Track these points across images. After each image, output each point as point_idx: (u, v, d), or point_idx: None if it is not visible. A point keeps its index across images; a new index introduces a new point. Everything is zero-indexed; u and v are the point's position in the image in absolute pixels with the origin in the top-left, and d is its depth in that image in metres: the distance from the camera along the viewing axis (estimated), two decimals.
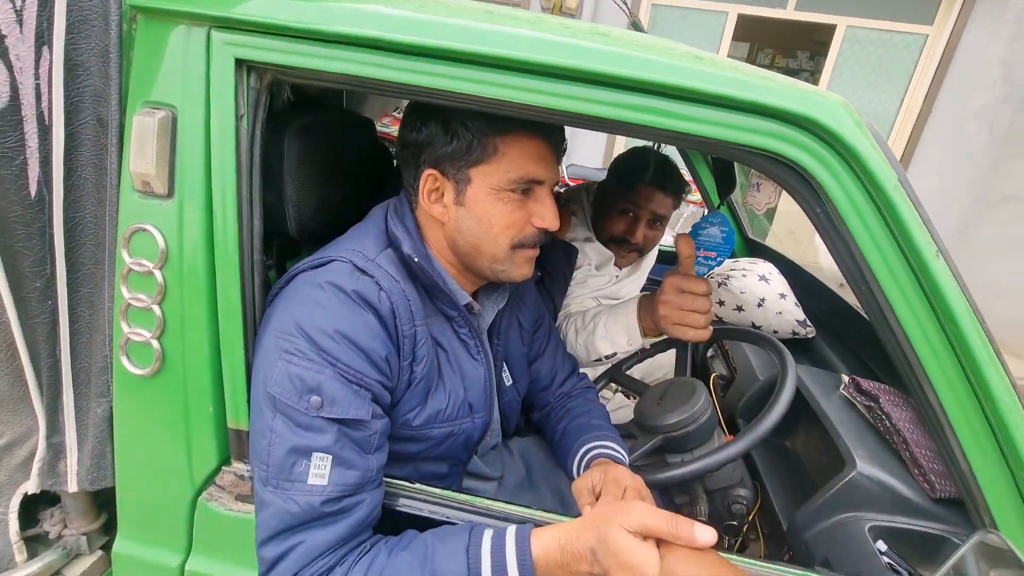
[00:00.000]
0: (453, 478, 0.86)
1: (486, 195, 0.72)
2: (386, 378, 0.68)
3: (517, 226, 0.74)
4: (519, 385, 0.99)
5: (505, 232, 0.74)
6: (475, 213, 0.74)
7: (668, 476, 0.90)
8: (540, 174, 0.73)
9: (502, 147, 0.71)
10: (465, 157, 0.71)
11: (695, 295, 1.00)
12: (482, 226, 0.74)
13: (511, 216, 0.73)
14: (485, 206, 0.73)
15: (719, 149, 0.58)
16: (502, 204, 0.73)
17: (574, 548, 0.59)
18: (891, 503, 0.84)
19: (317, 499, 0.61)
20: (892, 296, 0.56)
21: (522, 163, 0.71)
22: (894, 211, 0.53)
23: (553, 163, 0.75)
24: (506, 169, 0.71)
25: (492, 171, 0.71)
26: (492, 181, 0.72)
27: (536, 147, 0.72)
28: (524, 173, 0.72)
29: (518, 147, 0.71)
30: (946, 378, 0.57)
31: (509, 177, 0.71)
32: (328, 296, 0.66)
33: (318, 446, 0.61)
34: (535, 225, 0.75)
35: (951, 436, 0.60)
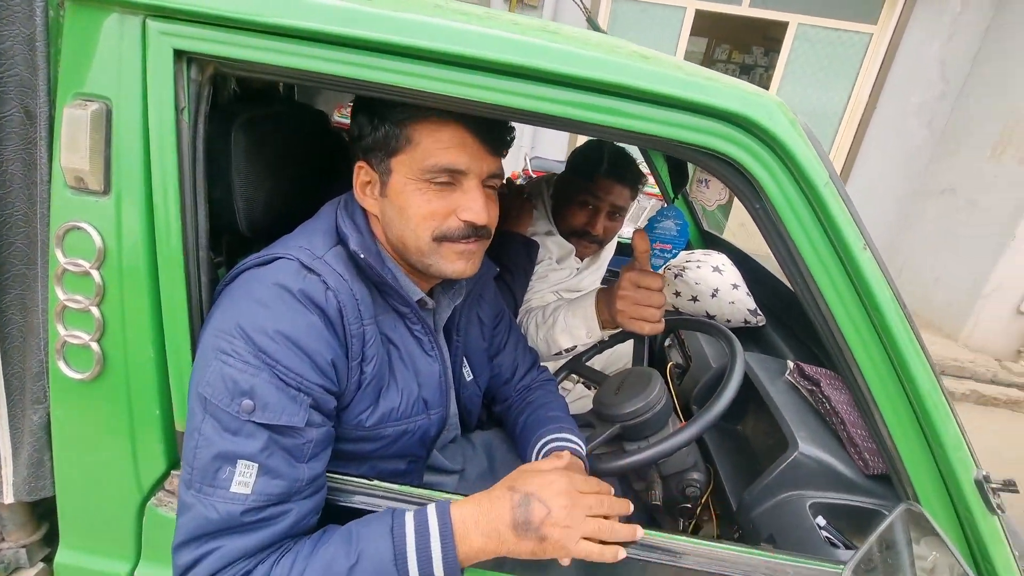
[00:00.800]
0: (413, 474, 0.86)
1: (404, 185, 0.71)
2: (330, 382, 0.67)
3: (437, 217, 0.72)
4: (480, 380, 1.00)
5: (424, 223, 0.72)
6: (396, 204, 0.72)
7: (624, 463, 0.93)
8: (459, 163, 0.70)
9: (415, 135, 0.70)
10: (385, 147, 0.71)
11: (650, 290, 1.04)
12: (403, 218, 0.72)
13: (428, 207, 0.71)
14: (404, 197, 0.71)
15: (665, 147, 0.60)
16: (420, 195, 0.71)
17: (492, 497, 0.66)
18: (830, 481, 0.89)
19: (238, 508, 0.60)
20: (823, 286, 0.60)
21: (436, 151, 0.69)
22: (824, 207, 0.57)
23: (479, 153, 0.71)
24: (421, 157, 0.69)
25: (408, 160, 0.70)
26: (409, 171, 0.70)
27: (453, 134, 0.69)
28: (438, 161, 0.69)
29: (432, 134, 0.69)
30: (872, 362, 0.62)
31: (423, 166, 0.69)
32: (272, 295, 0.65)
33: (244, 453, 0.60)
34: (460, 217, 0.72)
35: (878, 416, 0.64)
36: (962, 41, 4.56)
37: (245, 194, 0.85)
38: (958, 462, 0.62)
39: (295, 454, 0.63)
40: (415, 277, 0.81)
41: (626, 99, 0.57)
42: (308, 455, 0.64)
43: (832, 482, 0.89)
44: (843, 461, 0.90)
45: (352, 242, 0.71)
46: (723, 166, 0.59)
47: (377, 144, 0.71)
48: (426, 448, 0.85)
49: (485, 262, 0.93)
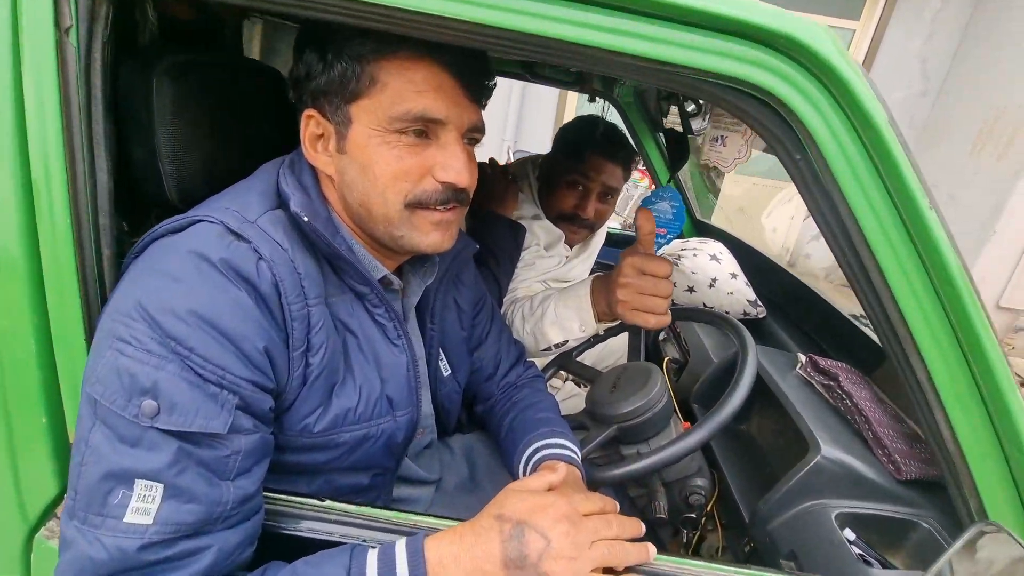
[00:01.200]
0: (379, 489, 0.73)
1: (368, 138, 0.58)
2: (264, 376, 0.54)
3: (410, 177, 0.59)
4: (459, 375, 0.87)
5: (394, 185, 0.59)
6: (358, 161, 0.59)
7: (624, 472, 0.81)
8: (436, 110, 0.58)
9: (382, 75, 0.57)
10: (342, 90, 0.57)
11: (657, 278, 0.89)
12: (367, 178, 0.59)
13: (399, 164, 0.58)
14: (368, 152, 0.58)
15: (684, 83, 0.48)
16: (387, 149, 0.58)
17: (476, 528, 0.54)
18: (857, 488, 0.79)
19: (133, 543, 0.45)
20: (881, 254, 0.48)
21: (409, 95, 0.57)
22: (888, 154, 0.45)
23: (460, 100, 0.60)
24: (389, 103, 0.57)
25: (373, 106, 0.57)
26: (374, 119, 0.57)
27: (428, 75, 0.57)
28: (411, 108, 0.57)
29: (403, 74, 0.57)
30: (939, 348, 0.51)
31: (392, 113, 0.57)
32: (186, 266, 0.51)
33: (145, 469, 0.46)
34: (438, 178, 0.60)
35: (939, 414, 0.53)
36: (942, 38, 4.59)
37: (174, 156, 0.71)
38: None
39: (216, 469, 0.50)
40: (378, 252, 0.68)
41: (637, 16, 0.45)
42: (234, 470, 0.51)
43: (860, 489, 0.78)
44: (871, 465, 0.80)
45: (293, 202, 0.58)
46: (756, 106, 0.48)
47: (331, 87, 0.58)
48: (394, 457, 0.72)
49: (462, 237, 0.81)
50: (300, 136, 0.63)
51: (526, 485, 0.60)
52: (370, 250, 0.67)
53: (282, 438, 0.59)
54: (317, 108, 0.60)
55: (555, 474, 0.63)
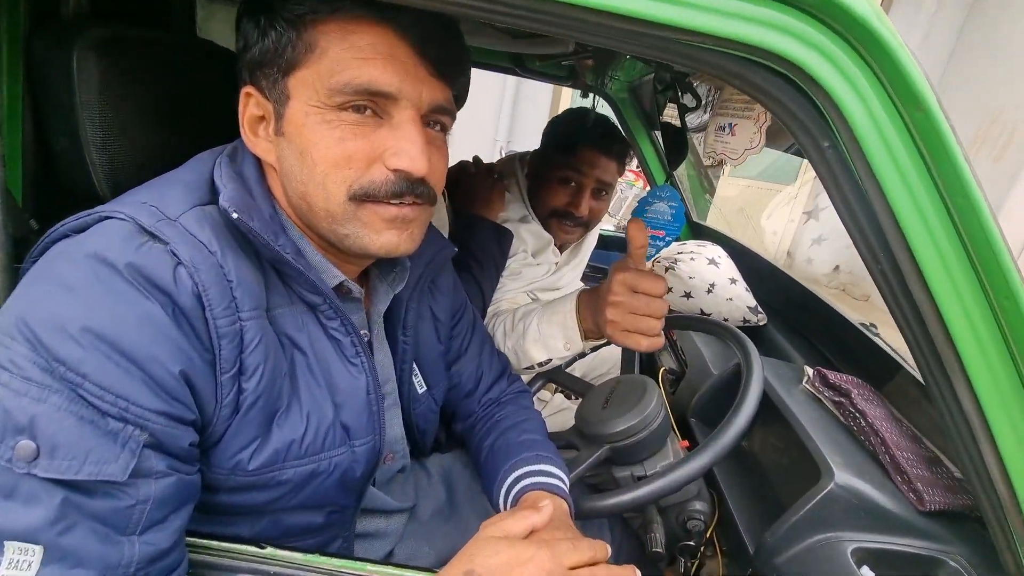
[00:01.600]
0: (337, 527, 0.64)
1: (306, 115, 0.49)
2: (182, 407, 0.45)
3: (354, 164, 0.50)
4: (435, 392, 0.78)
5: (335, 172, 0.50)
6: (296, 144, 0.50)
7: (616, 503, 0.73)
8: (385, 82, 0.48)
9: (321, 40, 0.48)
10: (278, 60, 0.49)
11: (650, 296, 0.80)
12: (305, 165, 0.50)
13: (341, 147, 0.49)
14: (305, 132, 0.50)
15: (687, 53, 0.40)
16: (327, 128, 0.49)
17: None
18: (874, 520, 0.71)
19: None
20: (927, 263, 0.40)
21: (351, 62, 0.48)
22: (941, 143, 0.37)
23: (418, 72, 0.51)
24: (328, 72, 0.48)
25: (311, 77, 0.49)
26: (312, 93, 0.49)
27: (376, 40, 0.48)
28: (354, 77, 0.48)
29: (345, 39, 0.48)
30: (992, 375, 0.43)
31: (331, 84, 0.48)
32: (82, 273, 0.42)
33: (18, 528, 0.37)
34: (388, 165, 0.51)
35: (987, 448, 0.45)
36: (937, 40, 4.56)
37: (103, 145, 0.62)
38: None
39: (114, 524, 0.41)
40: (334, 255, 0.59)
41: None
42: (140, 523, 0.42)
43: (877, 521, 0.71)
44: (889, 494, 0.72)
45: (223, 195, 0.49)
46: (776, 83, 0.40)
47: (266, 56, 0.49)
48: (353, 492, 0.63)
49: (437, 239, 0.72)
50: (239, 119, 0.54)
51: (505, 528, 0.52)
52: (325, 253, 0.58)
53: (210, 476, 0.50)
54: (255, 84, 0.52)
55: (539, 514, 0.54)
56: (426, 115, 0.53)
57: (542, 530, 0.54)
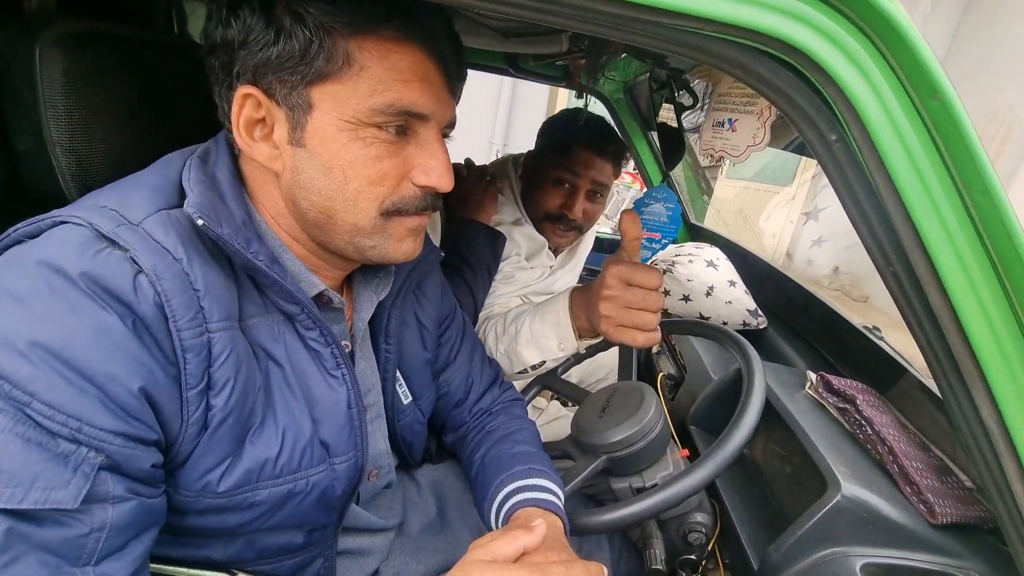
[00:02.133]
0: (318, 546, 0.60)
1: (337, 131, 0.48)
2: (143, 426, 0.42)
3: (388, 182, 0.51)
4: (422, 402, 0.75)
5: (370, 190, 0.50)
6: (321, 159, 0.49)
7: (612, 519, 0.69)
8: (423, 105, 0.49)
9: (360, 55, 0.46)
10: (301, 68, 0.46)
11: (645, 290, 0.78)
12: (333, 180, 0.49)
13: (378, 166, 0.50)
14: (336, 148, 0.48)
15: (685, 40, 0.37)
16: (362, 146, 0.49)
17: None
18: (884, 533, 0.68)
19: None
20: (942, 262, 0.37)
21: (394, 84, 0.47)
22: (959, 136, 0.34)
23: (443, 93, 0.52)
24: (368, 91, 0.47)
25: (346, 93, 0.47)
26: (346, 109, 0.47)
27: (415, 62, 0.48)
28: (396, 100, 0.48)
29: (386, 58, 0.47)
30: (1012, 381, 0.39)
31: (372, 104, 0.47)
32: (33, 283, 0.39)
33: None
34: (417, 182, 0.52)
35: (1011, 465, 0.42)
36: (933, 41, 4.54)
37: (70, 146, 0.59)
38: None
39: (65, 554, 0.38)
40: (318, 262, 0.56)
41: None
42: (95, 553, 0.39)
43: (887, 535, 0.68)
44: (899, 506, 0.69)
45: (189, 199, 0.46)
46: (780, 72, 0.37)
47: (285, 62, 0.46)
48: (334, 511, 0.60)
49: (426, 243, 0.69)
50: (228, 121, 0.51)
51: (493, 551, 0.49)
52: (308, 260, 0.55)
53: (177, 498, 0.47)
54: (261, 86, 0.48)
55: (530, 535, 0.51)
56: (443, 130, 0.54)
57: (534, 552, 0.51)
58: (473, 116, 4.82)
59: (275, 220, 0.54)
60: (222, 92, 0.51)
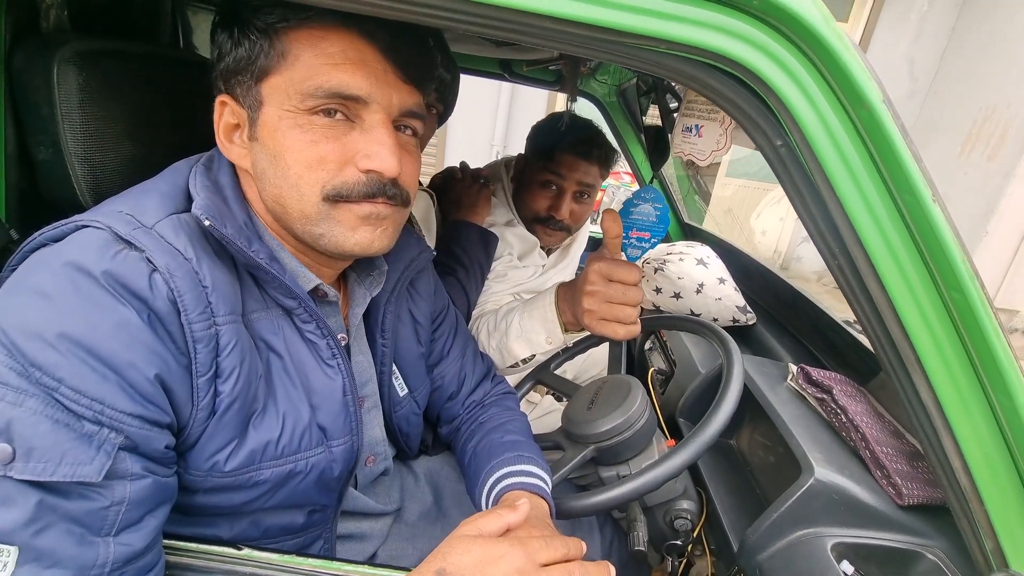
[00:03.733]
0: (319, 527, 0.65)
1: (279, 119, 0.51)
2: (158, 410, 0.46)
3: (327, 166, 0.52)
4: (417, 394, 0.79)
5: (308, 174, 0.52)
6: (269, 149, 0.52)
7: (595, 503, 0.73)
8: (355, 86, 0.51)
9: (293, 47, 0.50)
10: (251, 67, 0.51)
11: (625, 284, 0.83)
12: (278, 167, 0.52)
13: (314, 149, 0.51)
14: (279, 136, 0.52)
15: (643, 57, 0.41)
16: (300, 132, 0.51)
17: None
18: (854, 514, 0.71)
19: None
20: (876, 255, 0.41)
21: (322, 68, 0.50)
22: (883, 137, 0.38)
23: (388, 77, 0.53)
24: (300, 77, 0.50)
25: (284, 83, 0.51)
26: (285, 98, 0.51)
27: (347, 46, 0.51)
28: (325, 81, 0.50)
29: (316, 45, 0.50)
30: (945, 363, 0.43)
31: (304, 88, 0.50)
32: (59, 281, 0.43)
33: None
34: (360, 167, 0.53)
35: (948, 441, 0.46)
36: (929, 39, 4.58)
37: (84, 156, 0.63)
38: None
39: (89, 525, 0.42)
40: (310, 259, 0.60)
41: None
42: (116, 524, 0.43)
43: (857, 516, 0.71)
44: (869, 489, 0.72)
45: (196, 203, 0.51)
46: (730, 84, 0.41)
47: (240, 64, 0.51)
48: (332, 492, 0.64)
49: (416, 243, 0.73)
50: (215, 127, 0.56)
51: (479, 527, 0.53)
52: (300, 257, 0.59)
53: (187, 478, 0.51)
54: (230, 93, 0.53)
55: (514, 513, 0.55)
56: (396, 119, 0.55)
57: (518, 528, 0.55)
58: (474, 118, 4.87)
59: (265, 220, 0.58)
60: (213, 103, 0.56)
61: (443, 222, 1.22)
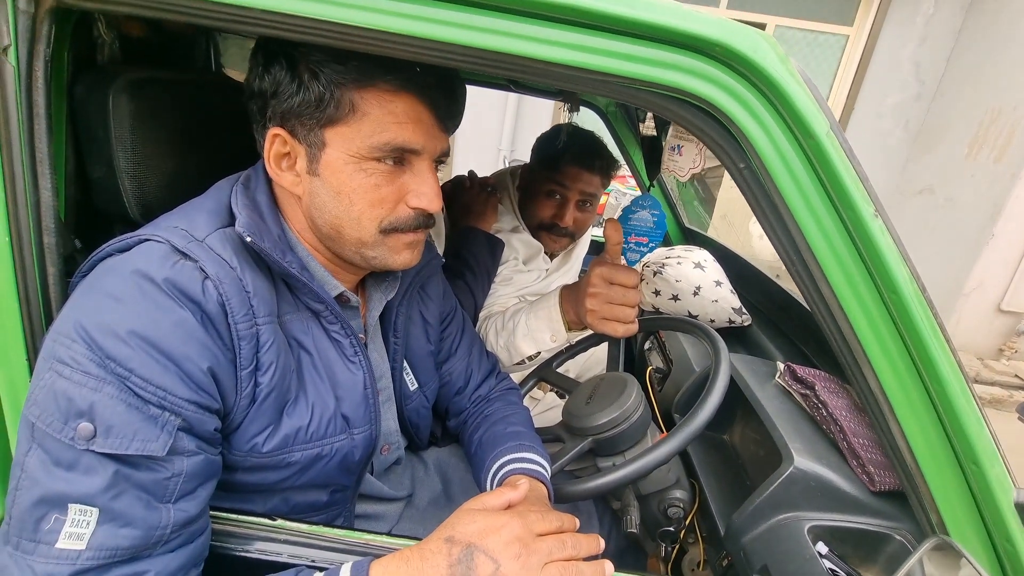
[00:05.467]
0: (339, 506, 0.72)
1: (344, 163, 0.59)
2: (208, 397, 0.54)
3: (386, 205, 0.62)
4: (426, 389, 0.86)
5: (370, 211, 0.62)
6: (331, 186, 0.60)
7: (592, 487, 0.79)
8: (414, 141, 0.60)
9: (362, 104, 0.57)
10: (316, 114, 0.58)
11: (625, 287, 0.93)
12: (340, 203, 0.61)
13: (377, 192, 0.61)
14: (343, 177, 0.60)
15: (622, 92, 0.48)
16: (364, 176, 0.60)
17: (424, 551, 0.54)
18: (830, 500, 0.77)
19: (64, 570, 0.45)
20: (826, 264, 0.48)
21: (390, 126, 0.58)
22: (827, 162, 0.45)
23: (434, 130, 0.62)
24: (369, 132, 0.58)
25: (351, 134, 0.58)
26: (351, 146, 0.59)
27: (408, 107, 0.59)
28: (391, 139, 0.58)
29: (384, 105, 0.58)
30: (888, 358, 0.50)
31: (372, 143, 0.58)
32: (128, 286, 0.51)
33: (79, 494, 0.46)
34: (410, 204, 0.63)
35: (895, 426, 0.52)
36: (936, 42, 4.58)
37: (134, 174, 0.71)
38: (995, 482, 0.50)
39: (155, 492, 0.49)
40: (336, 269, 0.68)
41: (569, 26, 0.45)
42: (175, 493, 0.50)
43: (833, 501, 0.77)
44: (845, 476, 0.78)
45: (239, 221, 0.58)
46: (698, 115, 0.47)
47: (305, 109, 0.58)
48: (352, 474, 0.71)
49: (427, 250, 0.81)
50: (263, 153, 0.63)
51: (483, 503, 0.60)
52: (328, 267, 0.67)
53: (230, 457, 0.58)
54: (286, 128, 0.60)
55: (515, 491, 0.62)
56: (434, 160, 0.65)
57: (518, 505, 0.62)
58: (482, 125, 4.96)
59: (301, 234, 0.65)
60: (258, 130, 0.63)
61: (452, 228, 1.30)
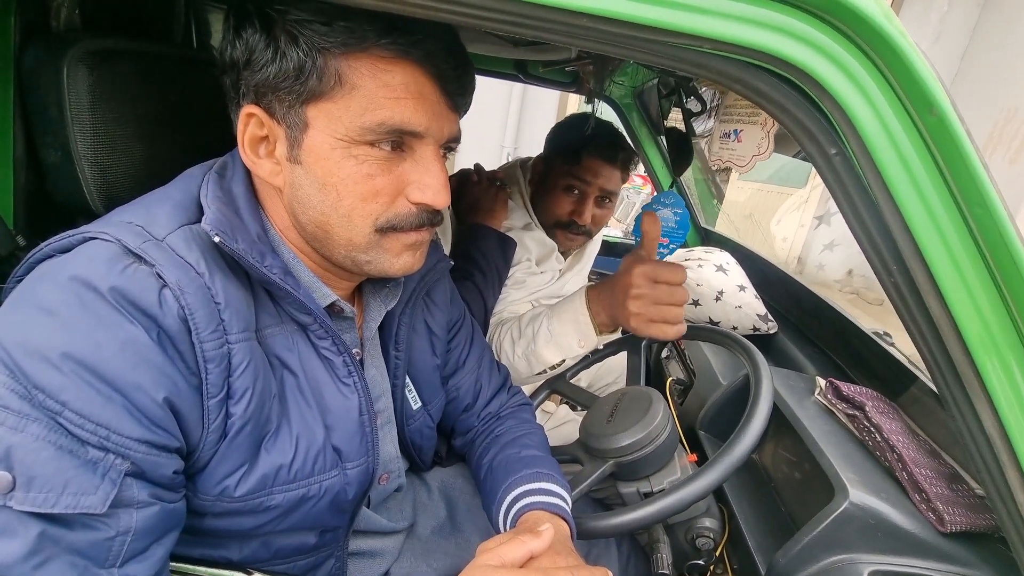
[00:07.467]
0: (330, 547, 0.62)
1: (331, 148, 0.48)
2: (167, 434, 0.44)
3: (382, 198, 0.50)
4: (431, 407, 0.76)
5: (363, 207, 0.50)
6: (316, 176, 0.49)
7: (619, 523, 0.70)
8: (417, 122, 0.48)
9: (351, 75, 0.46)
10: (296, 87, 0.47)
11: (672, 285, 0.83)
12: (327, 197, 0.50)
13: (370, 183, 0.49)
14: (329, 165, 0.48)
15: (686, 58, 0.38)
16: (355, 164, 0.48)
17: None
18: (892, 541, 0.68)
19: None
20: (943, 276, 0.38)
21: (385, 102, 0.47)
22: (956, 150, 0.35)
23: (440, 108, 0.50)
24: (359, 110, 0.47)
25: (338, 111, 0.47)
26: (339, 127, 0.47)
27: (408, 79, 0.47)
28: (387, 118, 0.47)
29: (377, 76, 0.46)
30: (1013, 389, 0.40)
31: (363, 123, 0.47)
32: (64, 297, 0.41)
33: None
34: (412, 199, 0.52)
35: (1014, 474, 0.42)
36: (950, 40, 4.49)
37: (95, 159, 0.61)
38: None
39: (93, 556, 0.39)
40: (328, 274, 0.58)
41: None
42: (120, 555, 0.41)
43: (895, 543, 0.67)
44: (907, 513, 0.69)
45: (206, 216, 0.48)
46: (781, 87, 0.38)
47: (282, 81, 0.47)
48: (346, 514, 0.61)
49: (433, 252, 0.71)
50: (237, 136, 0.52)
51: (501, 556, 0.50)
52: (318, 272, 0.57)
53: (196, 502, 0.49)
54: (262, 105, 0.49)
55: (537, 540, 0.52)
56: (442, 146, 0.54)
57: (541, 556, 0.52)
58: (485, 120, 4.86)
59: (285, 233, 0.55)
60: (233, 110, 0.52)
61: (459, 226, 1.20)
